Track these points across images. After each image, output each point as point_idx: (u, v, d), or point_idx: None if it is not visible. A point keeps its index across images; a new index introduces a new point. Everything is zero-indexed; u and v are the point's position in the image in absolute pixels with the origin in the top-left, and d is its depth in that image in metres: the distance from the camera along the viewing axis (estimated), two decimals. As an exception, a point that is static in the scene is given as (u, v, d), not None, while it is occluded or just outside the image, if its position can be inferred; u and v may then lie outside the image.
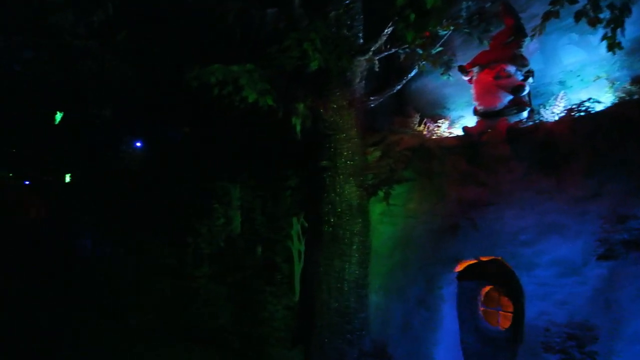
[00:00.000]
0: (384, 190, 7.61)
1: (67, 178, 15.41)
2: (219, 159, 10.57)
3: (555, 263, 5.61)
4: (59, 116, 10.61)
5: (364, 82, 7.66)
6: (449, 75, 7.66)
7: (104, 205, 14.29)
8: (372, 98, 7.85)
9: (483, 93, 6.75)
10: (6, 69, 5.78)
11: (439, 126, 7.88)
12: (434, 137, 7.64)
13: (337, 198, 7.37)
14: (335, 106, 7.35)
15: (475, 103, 6.99)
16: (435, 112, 8.14)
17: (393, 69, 7.87)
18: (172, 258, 11.78)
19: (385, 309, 7.25)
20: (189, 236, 11.46)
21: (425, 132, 7.88)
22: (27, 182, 17.27)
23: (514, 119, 6.52)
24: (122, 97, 8.14)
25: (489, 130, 6.55)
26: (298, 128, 7.33)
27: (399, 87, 7.86)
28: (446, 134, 7.74)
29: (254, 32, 6.62)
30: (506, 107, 6.58)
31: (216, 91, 6.00)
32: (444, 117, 8.08)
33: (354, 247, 7.32)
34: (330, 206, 7.44)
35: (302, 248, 9.35)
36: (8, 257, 17.53)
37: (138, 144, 11.46)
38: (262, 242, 10.08)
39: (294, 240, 9.49)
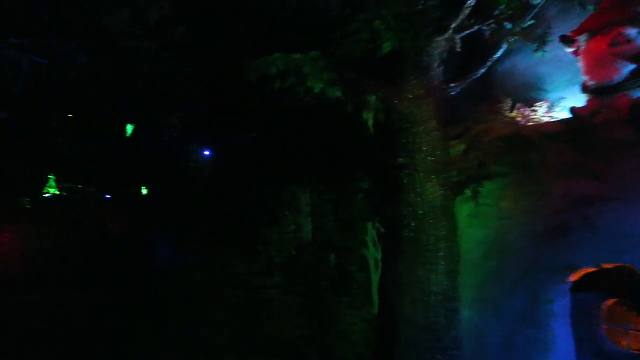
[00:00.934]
0: (471, 189, 6.52)
1: (144, 191, 15.57)
2: (287, 164, 9.94)
3: None
4: (130, 128, 10.52)
5: (442, 67, 6.65)
6: (544, 51, 6.45)
7: (177, 216, 14.23)
8: (452, 85, 6.81)
9: (595, 65, 5.52)
10: (63, 76, 5.51)
11: (535, 111, 6.68)
12: (530, 124, 6.46)
13: (418, 199, 6.40)
14: (411, 96, 6.41)
15: (585, 78, 5.76)
16: (529, 95, 6.94)
17: (476, 50, 6.79)
18: (243, 268, 11.33)
19: (481, 325, 6.15)
20: (259, 245, 10.94)
21: (519, 119, 6.71)
22: (107, 197, 17.79)
23: (637, 94, 5.24)
24: (185, 99, 7.72)
25: (604, 109, 5.31)
26: (370, 123, 6.47)
27: (483, 70, 6.76)
28: (546, 119, 6.54)
29: (317, 19, 5.86)
30: (626, 80, 5.30)
31: (278, 84, 5.32)
32: (541, 101, 6.85)
33: (440, 254, 6.31)
34: (410, 209, 6.49)
35: (379, 256, 8.45)
36: (93, 269, 18.13)
37: (206, 153, 11.17)
38: (335, 250, 9.28)
39: (369, 247, 8.61)
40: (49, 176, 15.69)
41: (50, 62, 5.28)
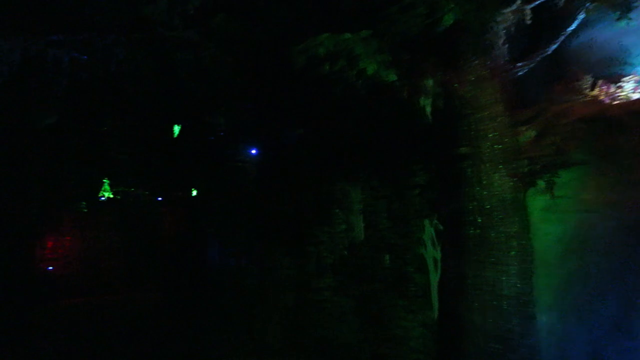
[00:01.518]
0: (545, 179, 5.74)
1: (194, 192, 15.52)
2: (336, 160, 9.41)
3: None
4: (177, 129, 10.36)
5: (508, 44, 5.91)
6: (629, 19, 5.59)
7: (227, 217, 14.06)
8: (519, 64, 6.06)
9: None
10: (103, 72, 5.28)
11: (621, 87, 5.80)
12: (616, 103, 5.61)
13: (484, 192, 5.70)
14: (473, 78, 5.72)
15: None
16: (612, 71, 6.06)
17: (546, 24, 6.00)
18: (294, 268, 10.91)
19: (562, 334, 5.37)
20: (309, 245, 10.48)
21: (602, 98, 5.86)
22: (159, 199, 17.97)
23: None
24: (229, 94, 7.36)
25: None
26: (428, 109, 5.85)
27: (555, 45, 5.96)
28: (635, 96, 5.66)
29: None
30: None
31: (327, 67, 4.81)
32: (627, 75, 5.95)
33: (511, 253, 5.58)
34: (475, 203, 5.80)
35: (438, 255, 7.76)
36: (148, 270, 18.38)
37: (253, 152, 10.84)
38: (389, 249, 8.66)
39: (427, 246, 7.94)
40: (104, 180, 16.02)
41: (89, 57, 5.07)
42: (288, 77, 6.09)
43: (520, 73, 6.03)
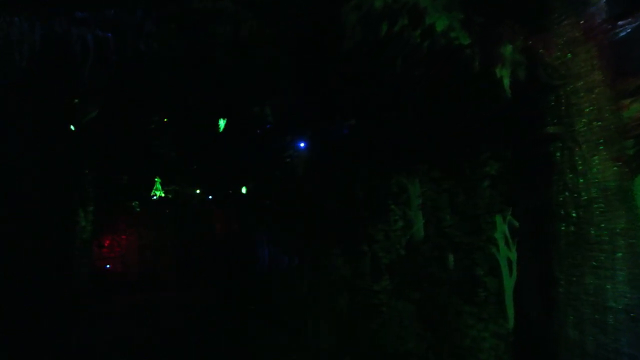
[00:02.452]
0: (658, 163, 4.58)
1: (244, 190, 15.08)
2: (392, 150, 8.48)
3: None
4: (222, 123, 9.81)
5: (605, -1, 4.77)
6: None
7: (276, 215, 13.46)
8: (620, 23, 4.88)
9: None
10: (134, 52, 4.71)
11: None
12: None
13: (581, 180, 4.59)
14: (564, 41, 4.64)
15: None
16: None
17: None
18: (347, 269, 10.08)
19: (689, 357, 4.21)
20: (363, 244, 9.61)
21: None
22: (210, 197, 17.70)
23: None
24: (273, 77, 6.64)
25: None
26: (506, 82, 4.81)
27: (667, -2, 4.74)
28: None
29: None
30: None
31: (384, 28, 3.93)
32: None
33: (618, 255, 4.44)
34: (568, 193, 4.69)
35: (514, 256, 6.66)
36: (200, 269, 18.21)
37: (302, 145, 10.11)
38: (454, 248, 7.63)
39: (499, 245, 6.85)
40: (155, 179, 15.92)
41: (117, 36, 4.50)
42: (338, 56, 5.24)
43: (622, 34, 4.86)
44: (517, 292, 6.68)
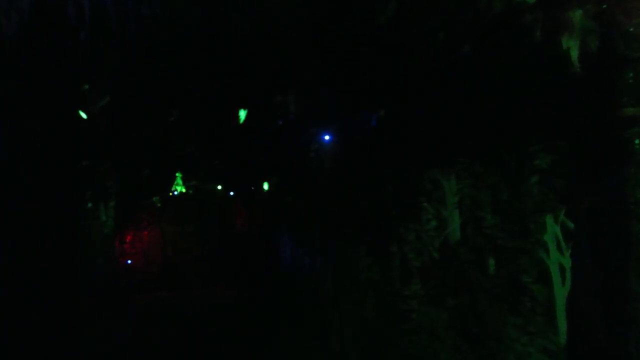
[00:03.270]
0: None
1: (266, 186, 14.45)
2: (426, 142, 7.68)
3: None
4: (243, 114, 9.17)
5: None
6: None
7: (300, 212, 12.79)
8: None
9: None
10: (136, 19, 4.09)
11: None
12: None
13: (667, 172, 3.75)
14: (646, 4, 3.79)
15: None
16: None
17: None
18: (374, 271, 9.32)
19: None
20: (392, 244, 8.84)
21: None
22: (232, 194, 17.15)
23: None
24: (297, 57, 5.95)
25: None
26: (574, 54, 3.99)
27: None
28: None
29: None
30: None
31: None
32: None
33: None
34: (648, 188, 3.86)
35: (567, 262, 5.79)
36: (220, 266, 17.69)
37: (327, 138, 9.38)
38: (496, 252, 6.78)
39: (549, 249, 5.99)
40: (176, 174, 15.48)
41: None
42: (370, 28, 4.50)
43: None
44: (570, 303, 5.80)
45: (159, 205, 16.39)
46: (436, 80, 5.77)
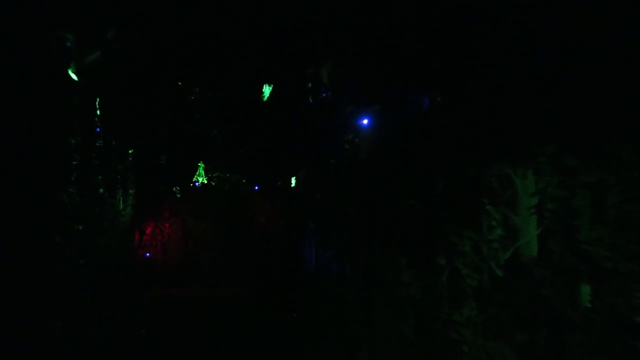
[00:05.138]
0: None
1: (293, 181, 12.77)
2: (493, 126, 5.79)
3: None
4: (267, 90, 7.51)
5: None
6: None
7: (329, 211, 11.05)
8: None
9: None
10: None
11: None
12: None
13: None
14: None
15: None
16: None
17: None
18: (416, 287, 7.45)
19: None
20: (441, 256, 6.97)
21: None
22: (257, 188, 15.57)
23: None
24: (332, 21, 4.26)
25: None
26: None
27: None
28: None
29: None
30: None
31: None
32: None
33: None
34: None
35: None
36: (241, 266, 16.19)
37: (365, 122, 7.61)
38: (595, 276, 4.82)
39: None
40: (199, 164, 14.04)
41: None
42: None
43: None
44: None
45: (179, 195, 15.00)
46: (515, 35, 3.89)
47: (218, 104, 8.96)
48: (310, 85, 6.63)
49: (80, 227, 10.76)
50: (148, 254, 16.38)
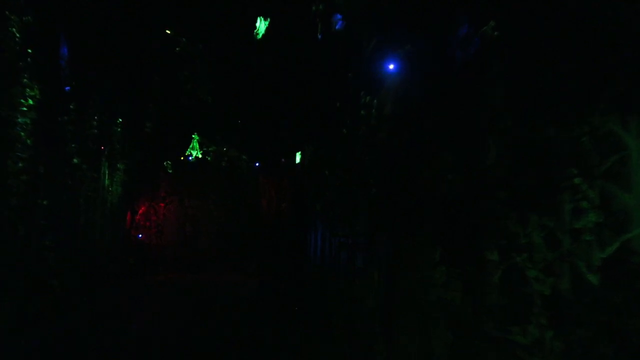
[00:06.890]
0: None
1: (298, 157, 10.73)
2: (584, 62, 3.69)
3: None
4: (263, 26, 5.45)
5: None
6: None
7: (341, 191, 9.05)
8: None
9: None
10: None
11: None
12: None
13: None
14: None
15: None
16: None
17: None
18: (455, 291, 5.44)
19: None
20: (491, 248, 4.93)
21: None
22: (257, 164, 13.58)
23: None
24: None
25: None
26: None
27: None
28: None
29: None
30: None
31: None
32: None
33: None
34: None
35: None
36: (240, 252, 14.34)
37: (391, 67, 5.49)
38: None
39: None
40: (192, 135, 12.08)
41: None
42: None
43: None
44: None
45: (170, 171, 13.07)
46: None
47: (209, 60, 7.04)
48: (320, 7, 4.59)
49: (45, 202, 8.88)
50: (140, 236, 14.54)
